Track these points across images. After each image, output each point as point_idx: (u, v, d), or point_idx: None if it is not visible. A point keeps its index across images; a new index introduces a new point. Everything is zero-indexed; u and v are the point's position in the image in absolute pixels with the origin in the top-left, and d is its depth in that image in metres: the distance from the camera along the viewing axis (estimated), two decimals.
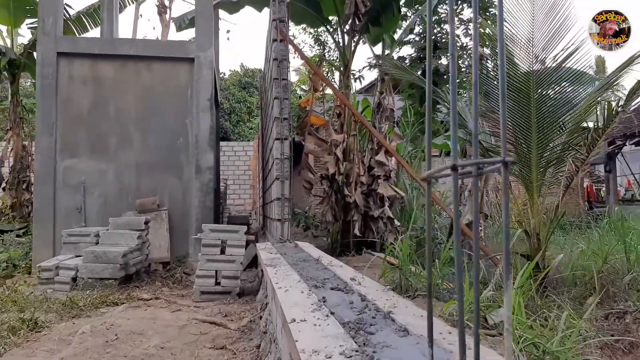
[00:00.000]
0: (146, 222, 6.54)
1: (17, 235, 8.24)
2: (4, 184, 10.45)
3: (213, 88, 7.53)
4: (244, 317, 4.36)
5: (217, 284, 5.31)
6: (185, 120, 7.43)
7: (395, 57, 13.35)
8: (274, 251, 4.49)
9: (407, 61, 13.96)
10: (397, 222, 8.12)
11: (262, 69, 10.76)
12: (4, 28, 10.55)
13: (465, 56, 13.58)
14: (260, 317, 4.05)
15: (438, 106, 14.18)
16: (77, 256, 6.21)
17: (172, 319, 4.17)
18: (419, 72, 13.63)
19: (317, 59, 13.90)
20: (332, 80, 14.39)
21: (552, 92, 5.32)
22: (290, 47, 6.17)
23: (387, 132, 8.45)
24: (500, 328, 3.95)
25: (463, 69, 13.40)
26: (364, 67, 12.37)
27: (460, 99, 11.27)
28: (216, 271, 5.32)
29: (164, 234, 7.05)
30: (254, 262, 7.53)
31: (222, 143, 18.02)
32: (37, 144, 7.04)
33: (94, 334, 3.46)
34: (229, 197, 17.07)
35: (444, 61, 13.65)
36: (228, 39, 45.10)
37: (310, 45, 14.85)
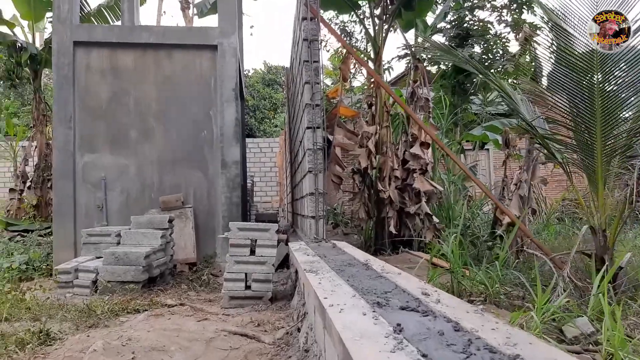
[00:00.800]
0: (170, 221, 6.04)
1: (40, 235, 7.85)
2: (28, 183, 10.12)
3: (238, 78, 6.98)
4: (279, 328, 3.78)
5: (248, 287, 4.76)
6: (209, 112, 6.90)
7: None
8: (311, 252, 3.90)
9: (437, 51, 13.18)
10: (435, 219, 7.46)
11: (286, 65, 10.18)
12: (25, 23, 10.20)
13: (499, 43, 12.74)
14: (298, 330, 3.47)
15: (472, 97, 13.41)
16: (97, 257, 5.75)
17: (198, 331, 3.63)
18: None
19: (346, 51, 13.25)
20: (360, 72, 13.72)
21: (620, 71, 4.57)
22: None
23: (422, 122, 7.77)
24: (583, 342, 3.30)
25: (497, 58, 12.56)
26: (393, 58, 11.66)
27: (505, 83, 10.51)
28: (246, 274, 4.76)
29: (190, 233, 6.54)
30: (284, 263, 6.98)
31: (247, 139, 17.56)
32: (55, 138, 6.60)
33: (107, 351, 2.94)
34: (255, 195, 16.59)
35: (477, 50, 12.84)
36: (251, 34, 44.46)
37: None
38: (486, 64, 13.08)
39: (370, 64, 8.07)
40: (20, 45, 9.98)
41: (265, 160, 17.07)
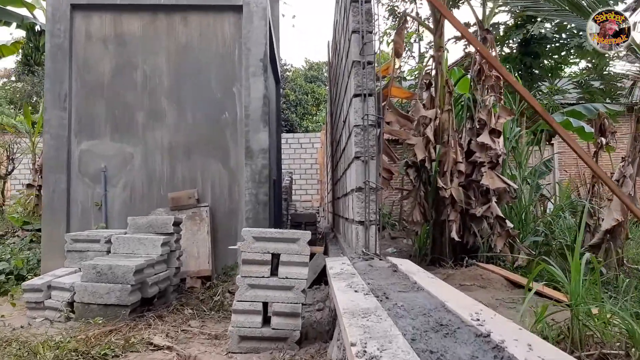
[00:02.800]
0: (177, 224, 4.55)
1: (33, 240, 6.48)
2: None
3: (268, 45, 5.44)
4: None
5: (266, 322, 3.19)
6: (232, 89, 5.39)
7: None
8: (360, 285, 2.27)
9: (501, 30, 11.27)
10: (509, 223, 5.69)
11: (329, 51, 8.55)
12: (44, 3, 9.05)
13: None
14: None
15: (539, 84, 11.47)
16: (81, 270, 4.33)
17: None
18: (517, 42, 10.92)
19: (400, 19, 11.49)
20: (411, 56, 11.90)
21: None
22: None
23: (492, 106, 6.00)
24: None
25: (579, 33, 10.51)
26: (449, 40, 9.85)
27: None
28: (264, 304, 3.19)
29: (204, 239, 5.05)
30: (322, 276, 5.39)
31: (287, 135, 16.13)
32: (46, 121, 5.25)
33: None
34: (295, 193, 15.10)
35: (548, 26, 10.81)
36: (293, 25, 42.32)
37: (384, 17, 12.46)
38: (559, 42, 11.13)
39: (430, 37, 6.33)
40: (39, 28, 8.84)
41: (305, 157, 15.53)
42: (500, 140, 5.87)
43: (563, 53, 11.25)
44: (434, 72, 6.13)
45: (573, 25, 10.95)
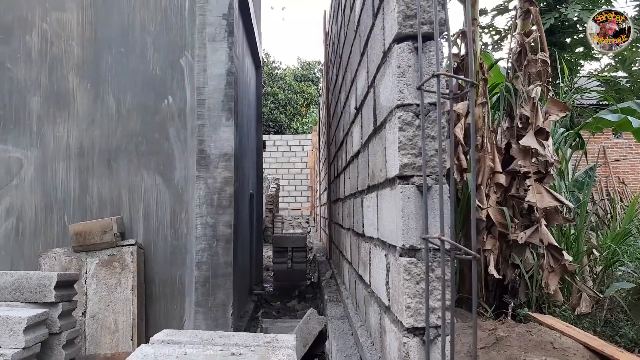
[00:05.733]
0: (65, 284, 2.52)
1: None
2: None
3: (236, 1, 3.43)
4: None
5: None
6: (178, 61, 3.36)
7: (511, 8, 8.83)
8: None
9: None
10: (567, 256, 3.69)
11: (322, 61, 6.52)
12: None
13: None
14: None
15: (558, 81, 9.62)
16: None
17: None
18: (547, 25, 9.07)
19: None
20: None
21: None
22: None
23: (537, 99, 4.02)
24: None
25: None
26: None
27: None
28: None
29: (127, 298, 3.01)
30: (317, 347, 3.40)
31: (275, 137, 14.14)
32: None
33: None
34: (282, 200, 13.08)
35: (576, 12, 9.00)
36: (283, 19, 40.26)
37: None
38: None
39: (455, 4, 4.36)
40: None
41: (295, 161, 13.50)
42: (549, 143, 3.91)
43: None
44: (463, 53, 4.18)
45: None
